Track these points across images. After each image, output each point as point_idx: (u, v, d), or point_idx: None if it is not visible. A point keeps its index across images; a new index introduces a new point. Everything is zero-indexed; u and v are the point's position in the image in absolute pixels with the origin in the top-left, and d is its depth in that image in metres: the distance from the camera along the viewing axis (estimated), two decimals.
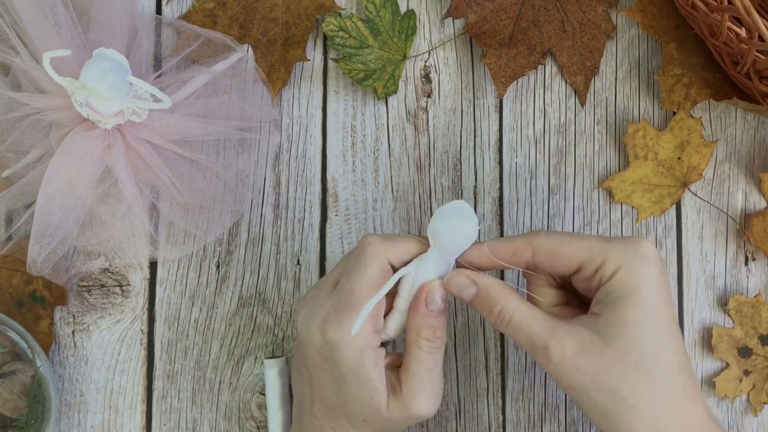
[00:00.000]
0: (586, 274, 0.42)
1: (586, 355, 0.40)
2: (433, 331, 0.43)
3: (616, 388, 0.39)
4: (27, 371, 0.53)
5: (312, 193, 0.57)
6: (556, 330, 0.40)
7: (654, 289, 0.40)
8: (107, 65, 0.48)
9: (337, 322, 0.43)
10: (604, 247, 0.41)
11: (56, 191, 0.51)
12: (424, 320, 0.43)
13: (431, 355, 0.43)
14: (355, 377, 0.43)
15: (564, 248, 0.42)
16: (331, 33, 0.56)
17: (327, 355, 0.44)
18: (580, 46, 0.58)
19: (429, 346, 0.43)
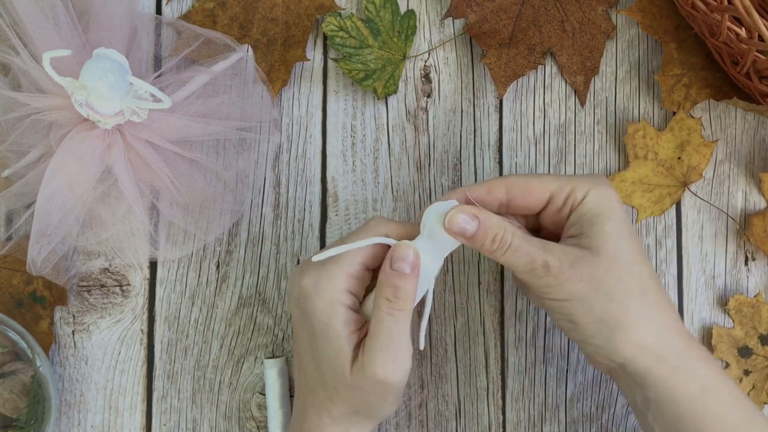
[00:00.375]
0: (557, 204, 0.45)
1: (582, 264, 0.43)
2: (394, 291, 0.43)
3: (611, 291, 0.42)
4: (27, 371, 0.53)
5: (312, 193, 0.57)
6: (551, 248, 0.43)
7: (622, 208, 0.45)
8: (107, 65, 0.48)
9: (315, 272, 0.44)
10: (569, 178, 0.45)
11: (56, 191, 0.51)
12: (387, 279, 0.43)
13: (390, 317, 0.43)
14: (323, 332, 0.44)
15: (534, 182, 0.45)
16: (331, 33, 0.56)
17: (302, 306, 0.44)
18: (580, 46, 0.58)
19: (388, 306, 0.43)
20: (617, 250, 0.43)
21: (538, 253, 0.43)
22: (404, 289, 0.43)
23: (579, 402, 0.56)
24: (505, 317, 0.57)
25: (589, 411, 0.56)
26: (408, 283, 0.43)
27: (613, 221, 0.44)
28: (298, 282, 0.45)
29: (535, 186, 0.45)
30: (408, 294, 0.43)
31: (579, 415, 0.56)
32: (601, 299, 0.43)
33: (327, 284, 0.44)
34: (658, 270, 0.57)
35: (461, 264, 0.57)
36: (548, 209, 0.46)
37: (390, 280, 0.43)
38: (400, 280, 0.43)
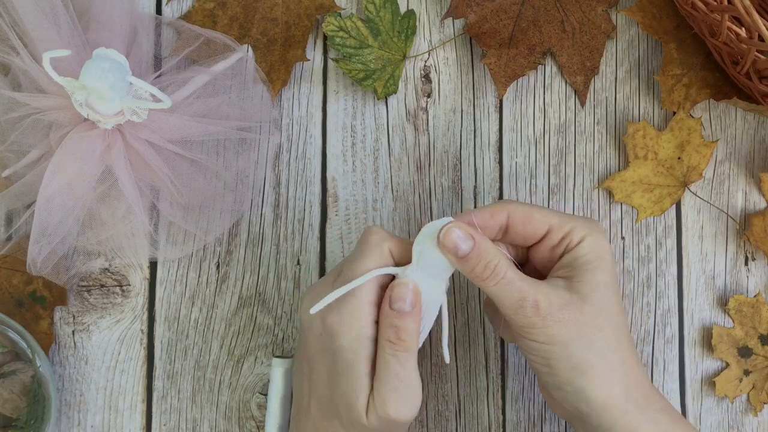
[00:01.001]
0: (552, 240, 0.45)
1: (569, 308, 0.42)
2: (396, 332, 0.42)
3: (593, 340, 0.43)
4: (27, 371, 0.53)
5: (312, 193, 0.57)
6: (541, 287, 0.43)
7: (613, 260, 0.46)
8: (107, 65, 0.48)
9: (337, 308, 0.43)
10: (569, 218, 0.45)
11: (56, 191, 0.51)
12: (388, 319, 0.42)
13: (395, 358, 0.42)
14: (347, 369, 0.43)
15: (535, 213, 0.45)
16: (331, 33, 0.56)
17: (326, 342, 0.43)
18: (580, 46, 0.58)
19: (392, 348, 0.42)
20: (604, 301, 0.43)
21: (529, 290, 0.42)
22: (406, 329, 0.42)
23: None
24: None
25: None
26: (409, 323, 0.42)
27: (605, 272, 0.44)
28: (320, 318, 0.43)
29: (536, 217, 0.45)
30: (410, 333, 0.42)
31: None
32: (583, 347, 0.42)
33: (352, 321, 0.42)
34: (658, 270, 0.57)
35: None
36: (543, 243, 0.46)
37: (390, 320, 0.42)
38: (401, 320, 0.42)
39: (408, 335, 0.42)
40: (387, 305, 0.43)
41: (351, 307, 0.43)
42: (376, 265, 0.43)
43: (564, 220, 0.45)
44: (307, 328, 0.45)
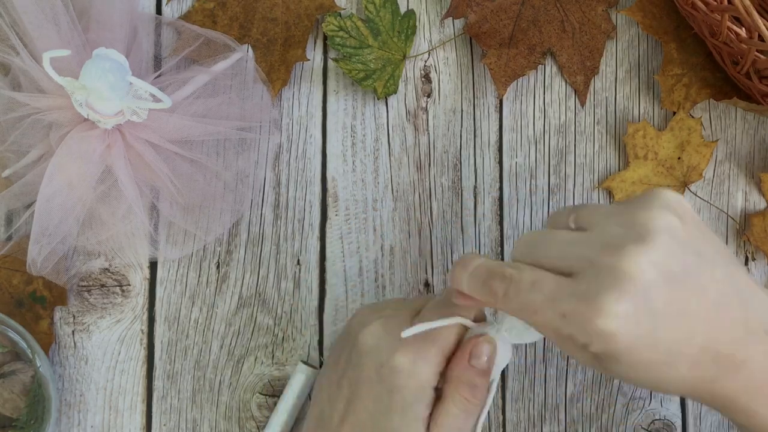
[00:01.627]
0: None
1: None
2: (472, 391, 0.41)
3: None
4: (27, 371, 0.53)
5: (312, 193, 0.57)
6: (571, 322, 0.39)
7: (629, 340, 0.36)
8: (107, 65, 0.48)
9: (414, 349, 0.42)
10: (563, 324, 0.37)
11: (56, 191, 0.51)
12: (465, 374, 0.42)
13: (463, 414, 0.41)
14: (405, 409, 0.41)
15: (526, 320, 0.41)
16: (331, 33, 0.56)
17: (386, 376, 0.42)
18: (580, 46, 0.58)
19: (464, 405, 0.41)
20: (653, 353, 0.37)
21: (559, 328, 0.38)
22: (482, 387, 0.42)
23: (579, 402, 0.56)
24: None
25: (589, 411, 0.56)
26: (485, 380, 0.42)
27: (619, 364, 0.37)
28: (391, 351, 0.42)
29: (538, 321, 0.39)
30: (483, 393, 0.42)
31: (579, 415, 0.56)
32: None
33: (425, 366, 0.41)
34: None
35: None
36: None
37: (468, 377, 0.41)
38: (479, 377, 0.42)
39: (484, 395, 0.42)
40: (465, 359, 0.42)
41: (427, 353, 0.42)
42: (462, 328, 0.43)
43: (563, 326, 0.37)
44: (366, 353, 0.43)
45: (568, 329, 0.36)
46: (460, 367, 0.42)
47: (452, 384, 0.42)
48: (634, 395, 0.56)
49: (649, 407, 0.56)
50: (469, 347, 0.42)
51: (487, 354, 0.41)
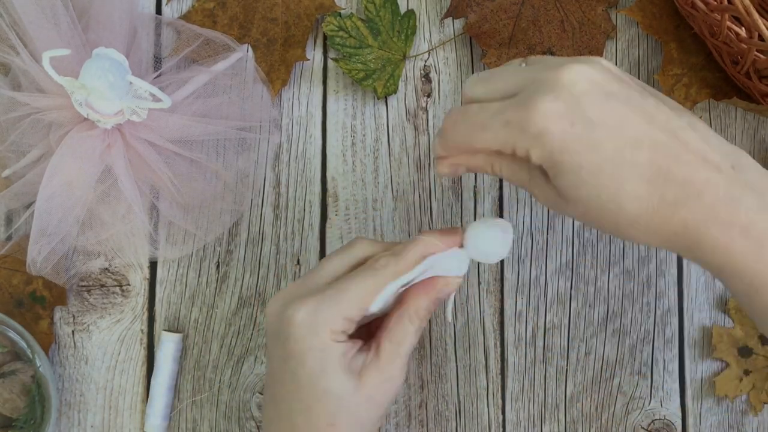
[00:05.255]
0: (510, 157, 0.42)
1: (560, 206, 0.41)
2: (427, 315, 0.44)
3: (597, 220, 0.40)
4: (27, 371, 0.53)
5: (312, 193, 0.57)
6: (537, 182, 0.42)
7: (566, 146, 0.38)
8: (107, 65, 0.48)
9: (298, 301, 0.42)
10: (509, 128, 0.39)
11: (56, 191, 0.51)
12: (429, 304, 0.44)
13: (417, 335, 0.44)
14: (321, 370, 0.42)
15: (478, 142, 0.41)
16: (331, 33, 0.56)
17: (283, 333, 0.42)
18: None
19: (419, 326, 0.44)
20: (582, 199, 0.39)
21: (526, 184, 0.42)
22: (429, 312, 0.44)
23: (579, 402, 0.56)
24: (505, 317, 0.57)
25: (589, 411, 0.56)
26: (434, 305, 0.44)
27: (564, 175, 0.38)
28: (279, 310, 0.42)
29: (479, 147, 0.41)
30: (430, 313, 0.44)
31: (579, 414, 0.56)
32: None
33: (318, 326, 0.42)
34: (658, 270, 0.57)
35: None
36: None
37: (431, 306, 0.44)
38: (436, 307, 0.44)
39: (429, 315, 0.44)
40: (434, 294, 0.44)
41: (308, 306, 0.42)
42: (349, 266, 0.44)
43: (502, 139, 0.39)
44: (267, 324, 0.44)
45: (512, 140, 0.39)
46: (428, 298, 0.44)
47: (412, 308, 0.43)
48: (634, 395, 0.56)
49: (649, 407, 0.56)
50: (439, 286, 0.44)
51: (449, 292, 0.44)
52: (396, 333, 0.43)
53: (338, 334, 0.42)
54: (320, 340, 0.41)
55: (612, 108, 0.38)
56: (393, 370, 0.43)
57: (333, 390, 0.42)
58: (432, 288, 0.44)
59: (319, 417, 0.42)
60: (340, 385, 0.42)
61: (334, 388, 0.42)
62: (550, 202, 0.41)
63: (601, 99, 0.38)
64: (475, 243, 0.44)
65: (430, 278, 0.44)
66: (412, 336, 0.44)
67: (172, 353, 0.55)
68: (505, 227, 0.44)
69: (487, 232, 0.44)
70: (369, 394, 0.42)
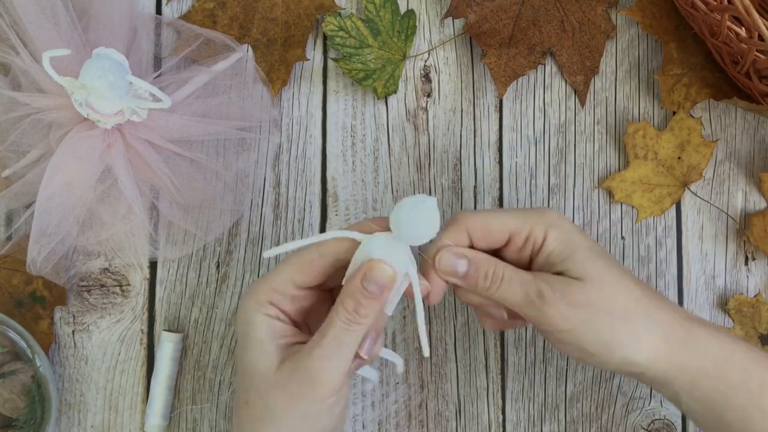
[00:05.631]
0: (517, 244, 0.45)
1: (574, 291, 0.43)
2: (356, 306, 0.41)
3: (611, 310, 0.43)
4: (27, 371, 0.53)
5: (312, 193, 0.57)
6: (542, 277, 0.44)
7: (584, 236, 0.45)
8: (107, 65, 0.48)
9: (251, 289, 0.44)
10: (525, 217, 0.45)
11: (56, 191, 0.51)
12: (353, 293, 0.42)
13: (345, 330, 0.41)
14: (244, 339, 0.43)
15: (492, 222, 0.45)
16: (331, 33, 0.56)
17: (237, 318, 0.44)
18: (580, 45, 0.58)
19: (345, 317, 0.41)
20: (600, 273, 0.44)
21: (531, 282, 0.44)
22: (367, 308, 0.42)
23: (579, 402, 0.56)
24: None
25: (589, 411, 0.56)
26: (372, 305, 0.42)
27: (583, 251, 0.44)
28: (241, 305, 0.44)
29: (494, 227, 0.45)
30: (369, 313, 0.42)
31: (579, 414, 0.56)
32: (605, 320, 0.43)
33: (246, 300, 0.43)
34: (658, 270, 0.57)
35: None
36: (509, 247, 0.46)
37: (355, 294, 0.42)
38: (366, 298, 0.42)
39: (366, 313, 0.42)
40: (358, 279, 0.42)
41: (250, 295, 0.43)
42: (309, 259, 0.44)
43: (521, 222, 0.45)
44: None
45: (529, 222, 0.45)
46: (352, 283, 0.42)
47: (339, 298, 0.42)
48: (634, 395, 0.56)
49: (649, 407, 0.56)
50: (364, 268, 0.42)
51: (382, 282, 0.41)
52: (324, 327, 0.42)
53: (265, 305, 0.43)
54: (248, 310, 0.43)
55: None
56: (313, 368, 0.41)
57: (249, 363, 0.42)
58: (356, 273, 0.42)
59: (239, 391, 0.43)
60: (255, 361, 0.42)
61: (250, 360, 0.42)
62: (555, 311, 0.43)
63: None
64: (398, 226, 0.41)
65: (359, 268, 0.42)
66: (342, 333, 0.41)
67: (172, 353, 0.55)
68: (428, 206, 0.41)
69: (409, 213, 0.41)
70: (283, 383, 0.41)
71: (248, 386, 0.42)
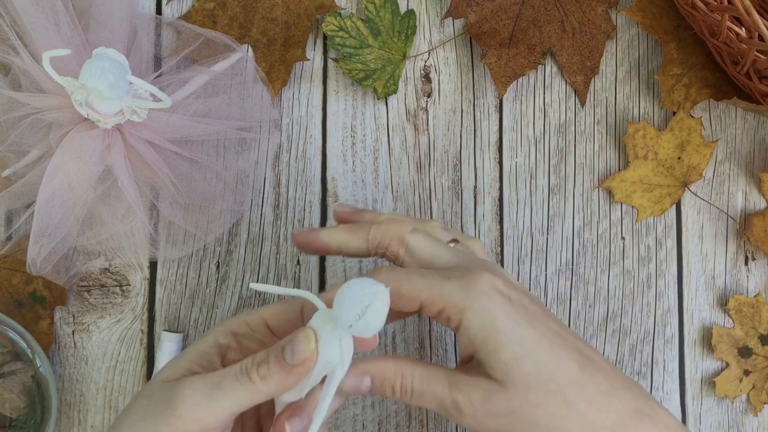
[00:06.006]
0: (431, 314, 0.40)
1: (494, 399, 0.38)
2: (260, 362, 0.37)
3: (536, 419, 0.38)
4: (27, 371, 0.53)
5: (312, 193, 0.57)
6: (458, 384, 0.39)
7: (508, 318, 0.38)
8: (107, 65, 0.48)
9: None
10: (439, 290, 0.39)
11: (56, 191, 0.51)
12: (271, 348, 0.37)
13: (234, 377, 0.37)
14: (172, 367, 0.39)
15: (404, 288, 0.39)
16: (331, 33, 0.56)
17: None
18: (580, 45, 0.58)
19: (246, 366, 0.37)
20: (524, 375, 0.38)
21: (444, 393, 0.39)
22: (272, 372, 0.37)
23: None
24: None
25: None
26: (279, 373, 0.37)
27: (507, 347, 0.38)
28: None
29: (405, 293, 0.39)
30: (273, 381, 0.37)
31: None
32: (529, 429, 0.38)
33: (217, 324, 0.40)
34: (658, 270, 0.57)
35: None
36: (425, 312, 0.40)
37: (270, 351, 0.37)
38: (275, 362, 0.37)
39: (267, 379, 0.37)
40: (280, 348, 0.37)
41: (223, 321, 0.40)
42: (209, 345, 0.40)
43: (434, 293, 0.38)
44: None
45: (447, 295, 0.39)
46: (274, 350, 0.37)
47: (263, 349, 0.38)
48: None
49: None
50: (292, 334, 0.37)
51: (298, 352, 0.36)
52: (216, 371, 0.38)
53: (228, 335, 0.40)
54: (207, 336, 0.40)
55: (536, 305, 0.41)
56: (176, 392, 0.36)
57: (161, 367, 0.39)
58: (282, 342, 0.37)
59: None
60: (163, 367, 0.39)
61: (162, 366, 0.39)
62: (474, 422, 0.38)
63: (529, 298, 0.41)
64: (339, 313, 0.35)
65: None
66: (230, 377, 0.37)
67: (172, 353, 0.55)
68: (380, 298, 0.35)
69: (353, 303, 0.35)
70: (141, 397, 0.38)
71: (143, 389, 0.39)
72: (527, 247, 0.57)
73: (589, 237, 0.57)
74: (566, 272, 0.57)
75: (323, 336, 0.37)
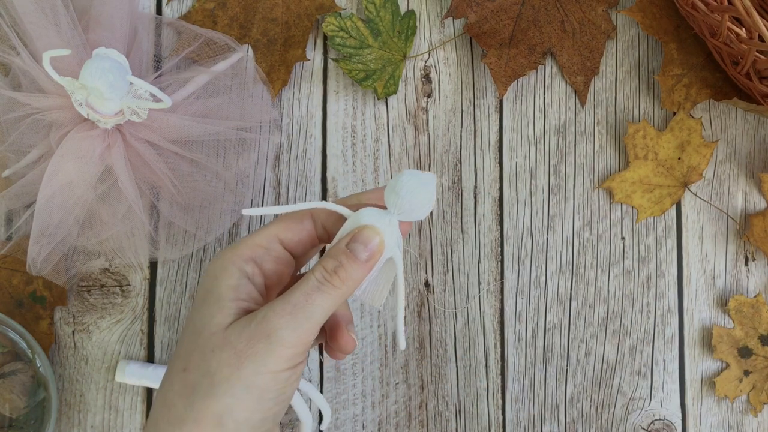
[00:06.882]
0: None
1: None
2: (336, 266, 0.37)
3: None
4: (27, 371, 0.53)
5: (312, 193, 0.57)
6: None
7: None
8: (107, 65, 0.48)
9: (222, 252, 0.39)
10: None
11: (56, 191, 0.51)
12: (336, 253, 0.38)
13: (317, 288, 0.37)
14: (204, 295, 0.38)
15: None
16: (331, 33, 0.56)
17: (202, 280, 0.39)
18: (580, 46, 0.58)
19: (322, 275, 0.37)
20: None
21: None
22: (349, 272, 0.37)
23: (579, 402, 0.56)
24: (505, 317, 0.57)
25: (589, 411, 0.56)
26: (356, 271, 0.38)
27: None
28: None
29: None
30: (351, 280, 0.38)
31: (579, 415, 0.56)
32: None
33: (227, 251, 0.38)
34: (658, 270, 0.57)
35: (461, 264, 0.57)
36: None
37: (338, 255, 0.38)
38: (349, 261, 0.37)
39: (347, 277, 0.38)
40: (344, 242, 0.38)
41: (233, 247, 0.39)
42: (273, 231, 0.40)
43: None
44: None
45: None
46: (337, 246, 0.38)
47: (322, 257, 0.38)
48: (634, 395, 0.56)
49: (649, 407, 0.56)
50: (353, 231, 0.38)
51: (370, 245, 0.38)
52: (294, 285, 0.38)
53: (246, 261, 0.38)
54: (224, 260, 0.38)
55: None
56: (272, 321, 0.36)
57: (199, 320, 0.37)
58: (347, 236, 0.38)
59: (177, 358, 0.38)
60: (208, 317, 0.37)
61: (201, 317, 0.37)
62: None
63: None
64: (397, 195, 0.38)
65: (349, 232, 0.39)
66: (315, 294, 0.37)
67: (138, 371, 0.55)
68: (429, 178, 0.38)
69: (410, 182, 0.37)
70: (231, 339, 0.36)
71: (191, 349, 0.37)
72: (527, 247, 0.57)
73: (589, 237, 0.57)
74: (566, 272, 0.57)
75: (382, 227, 0.39)
